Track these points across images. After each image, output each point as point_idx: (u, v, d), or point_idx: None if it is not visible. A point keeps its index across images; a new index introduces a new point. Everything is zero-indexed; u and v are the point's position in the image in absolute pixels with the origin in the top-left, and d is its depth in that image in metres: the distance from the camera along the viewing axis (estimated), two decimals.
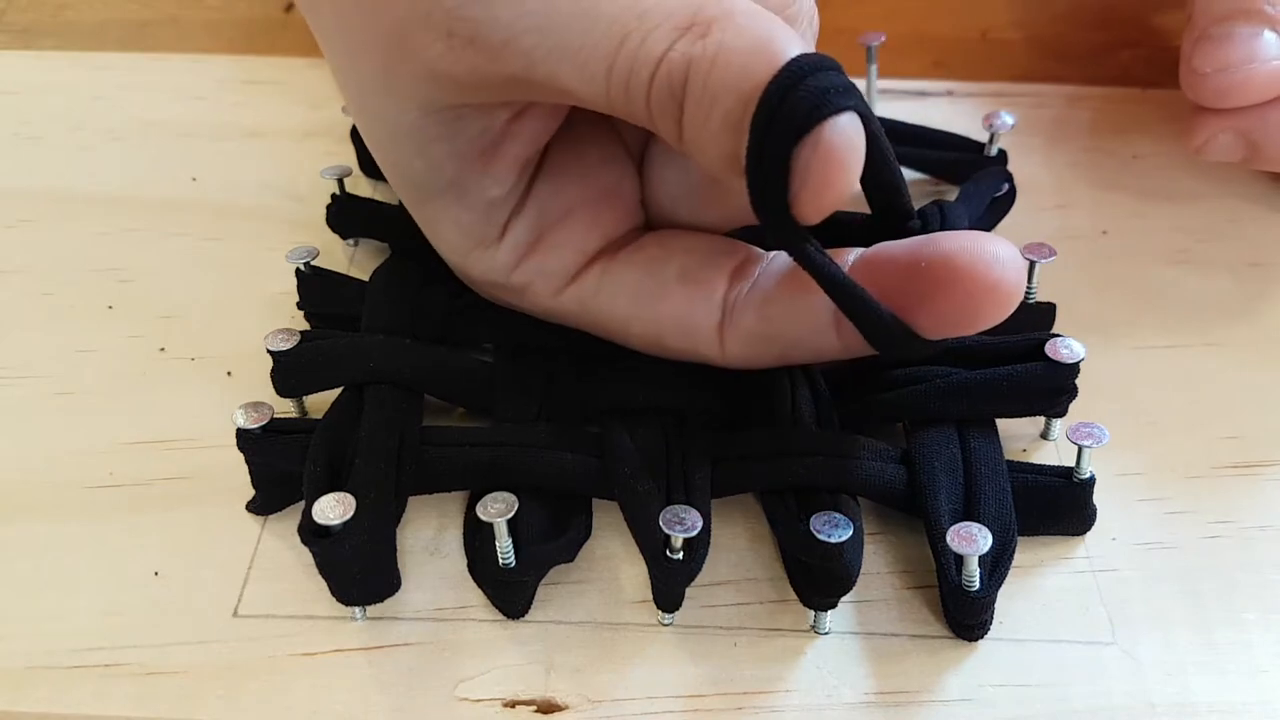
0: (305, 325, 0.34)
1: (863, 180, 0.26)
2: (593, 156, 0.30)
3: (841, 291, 0.26)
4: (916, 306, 0.26)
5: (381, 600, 0.28)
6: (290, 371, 0.30)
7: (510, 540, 0.26)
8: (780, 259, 0.29)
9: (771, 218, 0.24)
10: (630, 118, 0.25)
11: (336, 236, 0.37)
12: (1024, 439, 0.32)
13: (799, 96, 0.23)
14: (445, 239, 0.30)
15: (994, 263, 0.25)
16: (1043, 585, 0.28)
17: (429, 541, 0.29)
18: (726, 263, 0.29)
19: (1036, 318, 0.33)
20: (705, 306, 0.29)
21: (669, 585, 0.27)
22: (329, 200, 0.36)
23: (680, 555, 0.26)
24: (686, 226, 0.31)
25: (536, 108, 0.28)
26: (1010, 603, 0.28)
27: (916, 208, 0.31)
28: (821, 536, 0.26)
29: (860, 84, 0.32)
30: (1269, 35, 0.33)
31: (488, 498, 0.26)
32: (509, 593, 0.27)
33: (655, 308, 0.29)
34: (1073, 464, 0.29)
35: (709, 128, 0.24)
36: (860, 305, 0.26)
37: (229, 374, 0.33)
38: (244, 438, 0.29)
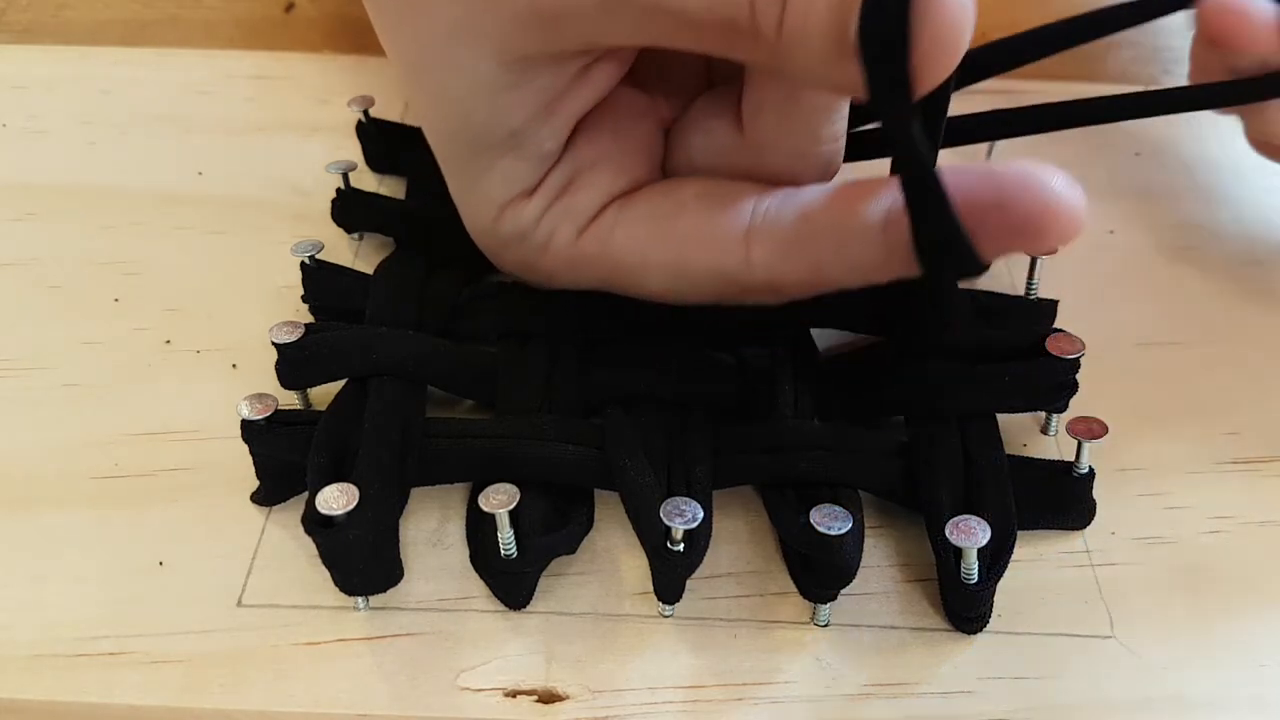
0: (310, 318, 0.34)
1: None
2: (627, 114, 0.30)
3: (926, 179, 0.24)
4: (985, 211, 0.25)
5: (384, 590, 0.28)
6: (295, 364, 0.30)
7: (512, 531, 0.26)
8: (810, 188, 0.29)
9: (886, 83, 0.23)
10: (728, 26, 0.25)
11: (341, 230, 0.37)
12: (1024, 433, 0.32)
13: None
14: (486, 193, 0.30)
15: (1067, 184, 0.25)
16: (1042, 579, 0.28)
17: (431, 532, 0.29)
18: (748, 186, 0.29)
19: (1038, 314, 0.33)
20: (729, 216, 0.28)
21: (670, 577, 0.27)
22: (334, 194, 0.36)
23: (681, 547, 0.26)
24: None
25: (602, 64, 0.28)
26: (1009, 596, 0.28)
27: None
28: (821, 529, 0.26)
29: None
30: None
31: (490, 489, 0.27)
32: (511, 584, 0.27)
33: (675, 224, 0.29)
34: (1072, 458, 0.29)
35: (816, 6, 0.24)
36: (937, 199, 0.25)
37: (234, 366, 0.33)
38: (249, 429, 0.29)
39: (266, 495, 0.30)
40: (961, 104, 0.42)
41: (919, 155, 0.24)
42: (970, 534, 0.26)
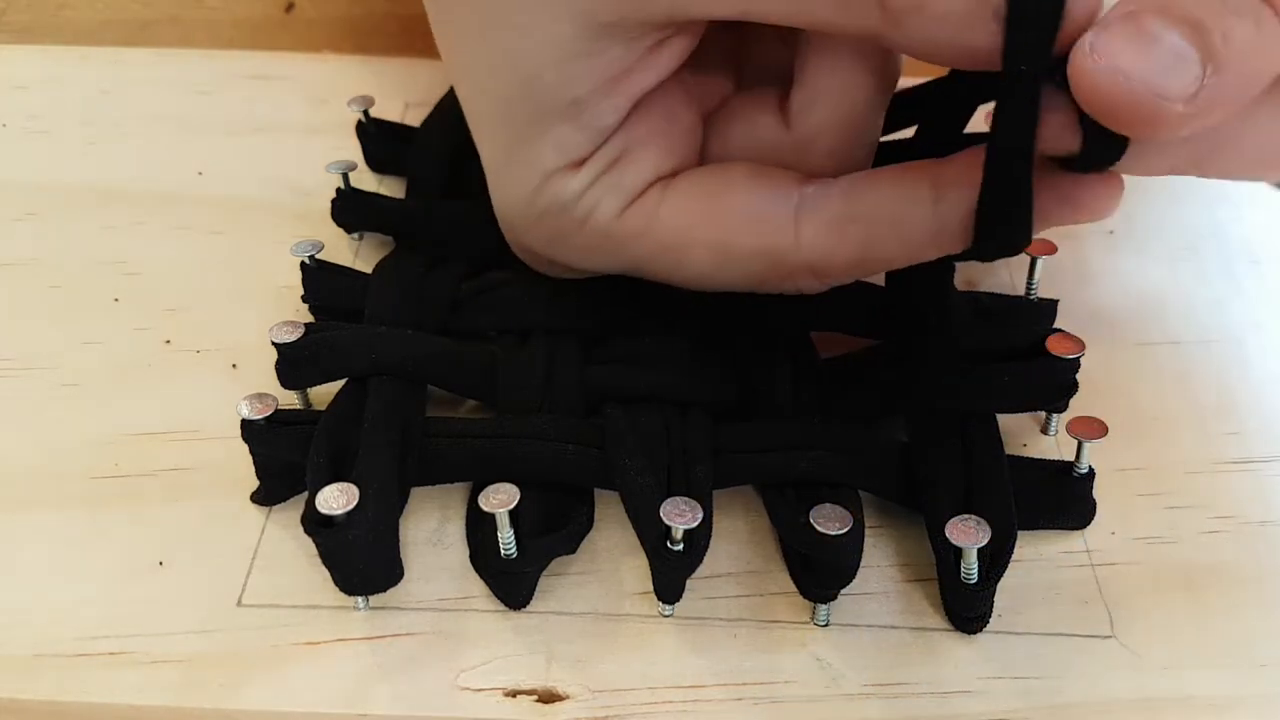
0: (310, 318, 0.34)
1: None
2: (676, 99, 0.30)
3: (1026, 146, 0.24)
4: (1051, 182, 0.26)
5: (384, 590, 0.28)
6: (294, 363, 0.30)
7: (512, 531, 0.26)
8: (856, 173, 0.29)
9: (1031, 45, 0.23)
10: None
11: (341, 230, 0.37)
12: (1024, 433, 0.32)
13: None
14: (533, 160, 0.29)
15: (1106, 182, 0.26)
16: (1042, 579, 0.28)
17: (432, 532, 0.29)
18: (793, 172, 0.29)
19: (1038, 314, 0.33)
20: (777, 196, 0.29)
21: (669, 577, 0.27)
22: (334, 194, 0.36)
23: (681, 547, 0.26)
24: None
25: (671, 43, 0.28)
26: (1009, 596, 0.28)
27: None
28: (821, 529, 0.26)
29: None
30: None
31: (490, 489, 0.27)
32: (511, 583, 0.28)
33: (724, 201, 0.29)
34: (1072, 458, 0.29)
35: None
36: (1024, 168, 0.25)
37: (234, 366, 0.33)
38: (248, 429, 0.29)
39: (266, 495, 0.30)
40: None
41: (1033, 121, 0.24)
42: (970, 534, 0.26)
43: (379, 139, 0.39)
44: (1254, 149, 0.25)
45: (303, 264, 0.33)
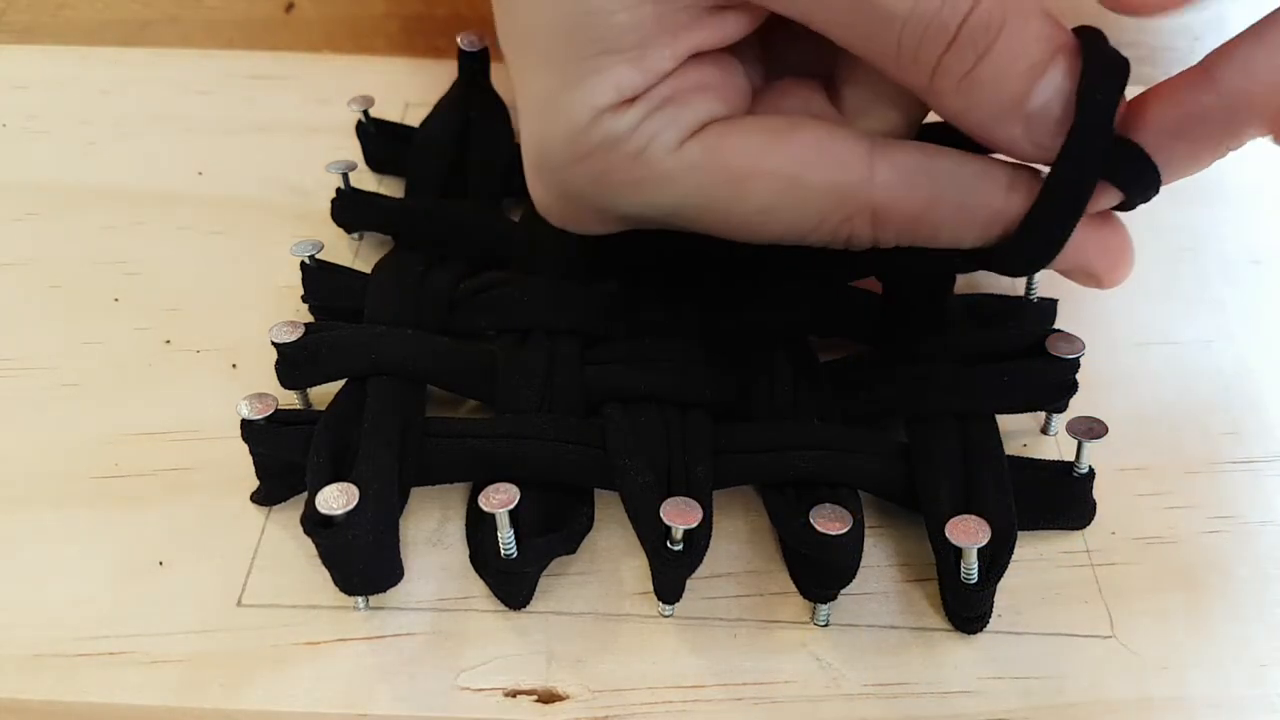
0: (310, 318, 0.34)
1: None
2: (727, 65, 0.30)
3: (1074, 213, 0.27)
4: (1093, 240, 0.29)
5: (384, 590, 0.28)
6: (294, 363, 0.30)
7: (512, 531, 0.27)
8: None
9: (1090, 138, 0.26)
10: (910, 50, 0.26)
11: (341, 230, 0.37)
12: (1024, 434, 0.32)
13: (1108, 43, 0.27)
14: (588, 96, 0.29)
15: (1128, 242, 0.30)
16: (1042, 579, 0.29)
17: (431, 532, 0.29)
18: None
19: (1038, 314, 0.34)
20: (851, 134, 0.29)
21: (669, 577, 0.27)
22: (334, 194, 0.36)
23: (681, 547, 0.26)
24: None
25: (736, 14, 0.28)
26: (1009, 596, 0.28)
27: None
28: (821, 529, 0.26)
29: None
30: None
31: (490, 489, 0.27)
32: (511, 583, 0.28)
33: (795, 134, 0.29)
34: (1072, 458, 0.29)
35: (1015, 69, 0.26)
36: (1068, 217, 0.27)
37: (234, 366, 0.33)
38: (248, 429, 0.29)
39: (266, 495, 0.30)
40: None
41: (1081, 201, 0.27)
42: (970, 534, 0.26)
43: (379, 139, 0.39)
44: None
45: (303, 264, 0.33)
